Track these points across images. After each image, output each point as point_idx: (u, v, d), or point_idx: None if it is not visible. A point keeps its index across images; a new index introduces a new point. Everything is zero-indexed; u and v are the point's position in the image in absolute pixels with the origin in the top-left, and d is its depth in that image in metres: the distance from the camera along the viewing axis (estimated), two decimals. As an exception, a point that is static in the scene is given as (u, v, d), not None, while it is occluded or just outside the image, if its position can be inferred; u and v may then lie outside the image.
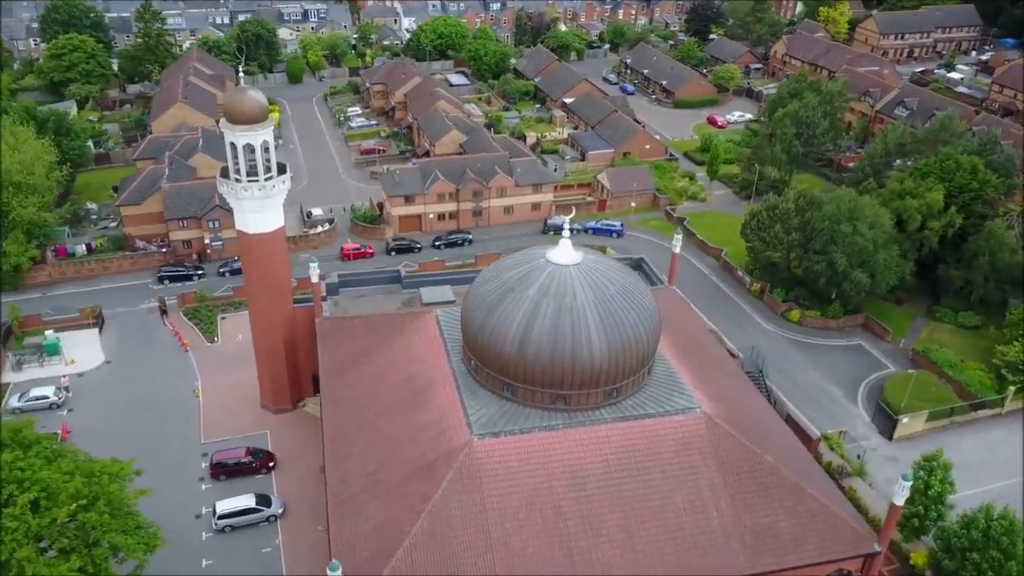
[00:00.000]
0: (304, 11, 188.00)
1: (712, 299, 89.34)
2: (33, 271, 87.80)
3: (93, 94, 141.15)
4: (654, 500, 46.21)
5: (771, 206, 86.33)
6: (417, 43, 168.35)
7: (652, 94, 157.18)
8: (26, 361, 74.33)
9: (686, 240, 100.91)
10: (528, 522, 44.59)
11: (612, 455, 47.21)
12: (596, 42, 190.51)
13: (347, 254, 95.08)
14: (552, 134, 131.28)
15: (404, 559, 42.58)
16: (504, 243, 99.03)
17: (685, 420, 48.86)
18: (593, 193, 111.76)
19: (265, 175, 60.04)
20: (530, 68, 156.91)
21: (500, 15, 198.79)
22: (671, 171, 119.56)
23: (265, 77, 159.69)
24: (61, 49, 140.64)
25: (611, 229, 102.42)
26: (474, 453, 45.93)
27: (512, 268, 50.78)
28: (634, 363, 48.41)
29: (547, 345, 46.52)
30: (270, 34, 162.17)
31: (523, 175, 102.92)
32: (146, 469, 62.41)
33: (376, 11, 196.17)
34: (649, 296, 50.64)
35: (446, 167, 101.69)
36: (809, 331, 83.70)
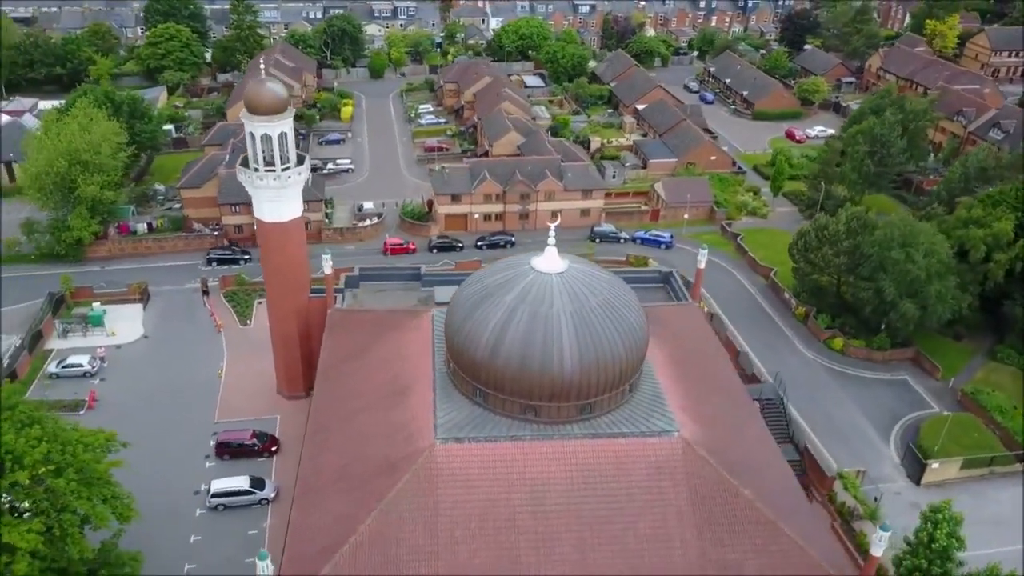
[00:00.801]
0: (394, 8, 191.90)
1: (753, 320, 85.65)
2: (95, 245, 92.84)
3: (184, 81, 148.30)
4: (615, 523, 44.42)
5: (821, 226, 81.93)
6: (499, 43, 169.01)
7: (732, 104, 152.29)
8: (71, 330, 78.56)
9: (737, 257, 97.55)
10: (480, 532, 43.67)
11: (577, 472, 45.67)
12: (683, 49, 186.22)
13: (390, 249, 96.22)
14: (618, 140, 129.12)
15: (348, 556, 42.44)
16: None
17: (660, 443, 46.76)
18: (649, 202, 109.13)
19: (282, 166, 61.36)
20: (608, 73, 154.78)
21: (588, 18, 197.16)
22: (735, 184, 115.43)
23: (348, 71, 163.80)
24: (158, 37, 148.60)
25: (660, 240, 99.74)
26: (434, 457, 45.36)
27: (496, 273, 49.93)
28: (609, 379, 46.67)
29: (517, 353, 45.43)
30: (355, 30, 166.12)
31: (573, 180, 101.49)
32: (157, 442, 66.03)
33: (465, 11, 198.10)
34: (636, 312, 48.69)
35: (496, 168, 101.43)
36: (851, 362, 78.99)
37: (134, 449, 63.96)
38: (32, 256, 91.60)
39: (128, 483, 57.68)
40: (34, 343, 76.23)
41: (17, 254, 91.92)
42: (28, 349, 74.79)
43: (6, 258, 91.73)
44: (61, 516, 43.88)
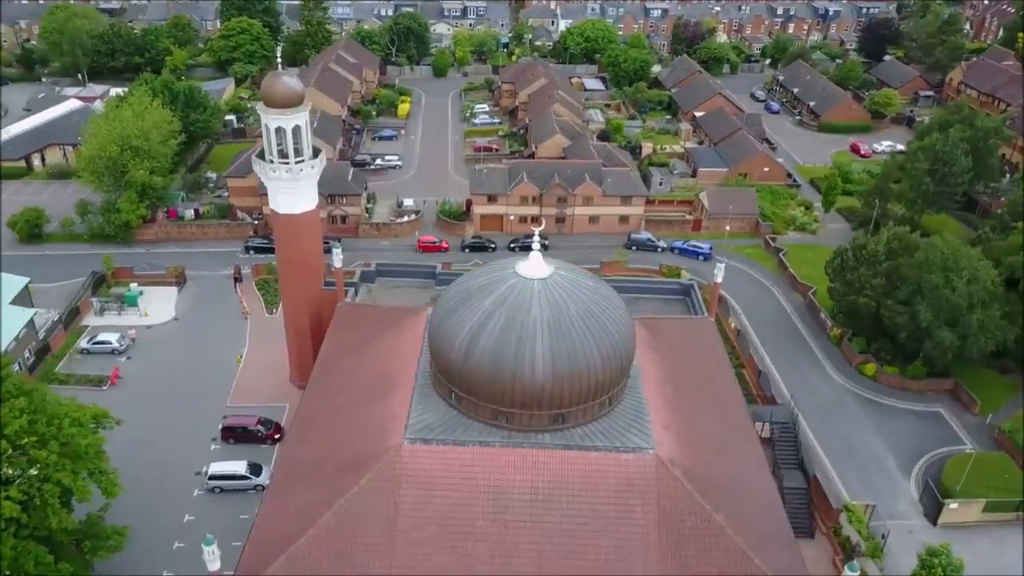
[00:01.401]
0: (464, 8, 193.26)
1: (784, 339, 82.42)
2: (143, 228, 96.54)
3: (252, 73, 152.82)
4: (577, 538, 43.25)
5: (859, 245, 78.22)
6: (563, 46, 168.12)
7: (797, 115, 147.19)
8: (108, 308, 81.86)
9: (778, 273, 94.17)
10: (437, 536, 43.20)
11: (543, 483, 44.66)
12: (755, 56, 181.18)
13: (423, 246, 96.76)
14: (671, 147, 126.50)
15: (304, 548, 42.64)
16: (580, 253, 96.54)
17: (633, 460, 45.26)
18: (693, 212, 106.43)
19: (297, 159, 62.30)
20: (670, 78, 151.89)
21: (660, 22, 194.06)
22: (787, 198, 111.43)
23: (412, 69, 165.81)
24: (231, 31, 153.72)
25: (698, 251, 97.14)
26: (400, 457, 45.11)
27: (481, 276, 49.36)
28: (584, 390, 45.45)
29: (490, 358, 44.73)
30: (421, 28, 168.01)
31: (612, 186, 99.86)
32: (170, 421, 68.13)
33: (535, 11, 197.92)
34: (620, 323, 47.25)
35: (534, 170, 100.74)
36: (883, 389, 75.06)
37: (147, 426, 67.03)
38: (85, 236, 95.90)
39: (135, 457, 60.89)
40: (71, 319, 79.72)
41: (71, 233, 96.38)
42: (64, 325, 78.24)
43: (62, 236, 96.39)
44: (43, 487, 45.61)
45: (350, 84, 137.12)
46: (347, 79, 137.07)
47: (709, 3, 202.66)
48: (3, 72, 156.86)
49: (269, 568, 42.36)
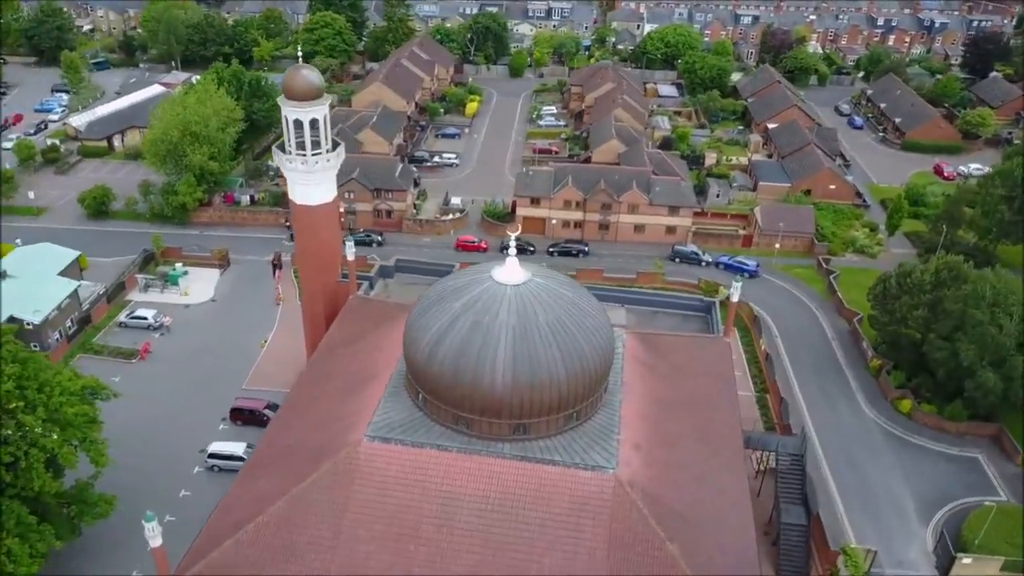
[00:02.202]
0: (548, 9, 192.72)
1: (819, 366, 78.29)
2: (198, 211, 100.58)
3: (332, 67, 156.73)
4: (520, 552, 42.21)
5: (905, 272, 73.43)
6: (643, 50, 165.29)
7: (882, 131, 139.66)
8: (151, 286, 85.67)
9: (826, 296, 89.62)
10: (382, 536, 43.00)
11: (496, 493, 43.82)
12: (847, 68, 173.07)
13: (461, 245, 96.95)
14: (738, 158, 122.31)
15: (251, 534, 43.24)
16: (622, 262, 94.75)
17: (591, 478, 43.84)
18: (748, 227, 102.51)
19: (314, 151, 63.30)
20: (748, 88, 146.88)
21: (749, 29, 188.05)
22: (852, 218, 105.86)
23: (488, 68, 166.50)
24: (315, 24, 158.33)
25: (743, 268, 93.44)
26: (357, 453, 45.18)
27: (459, 278, 49.08)
28: (546, 402, 44.34)
29: (451, 361, 44.23)
30: (500, 28, 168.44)
31: (660, 195, 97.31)
32: (187, 398, 70.64)
33: (621, 15, 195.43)
34: (593, 337, 45.73)
35: (581, 174, 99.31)
36: (916, 428, 70.24)
37: (165, 401, 69.81)
38: (146, 215, 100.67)
39: (147, 430, 63.92)
40: (117, 293, 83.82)
41: (134, 212, 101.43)
42: (109, 298, 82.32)
43: (125, 215, 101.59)
44: (30, 451, 48.01)
45: (420, 81, 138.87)
46: (417, 76, 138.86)
47: (804, 11, 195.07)
48: (107, 57, 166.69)
49: (216, 550, 43.22)
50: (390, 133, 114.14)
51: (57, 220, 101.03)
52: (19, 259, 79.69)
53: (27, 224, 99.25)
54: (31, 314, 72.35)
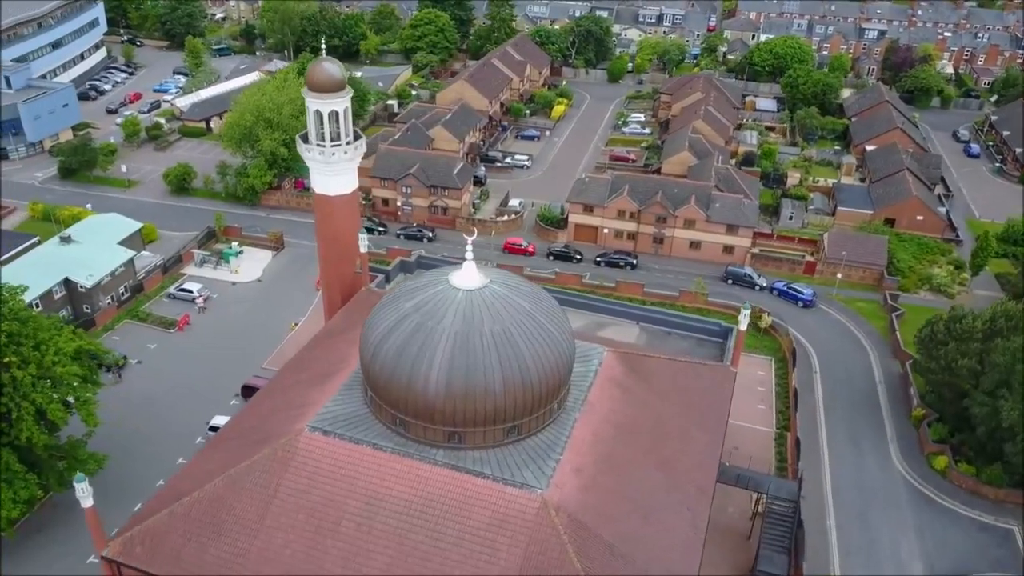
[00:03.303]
0: (660, 14, 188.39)
1: (857, 408, 72.70)
2: (267, 194, 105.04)
3: (432, 63, 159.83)
4: (432, 562, 41.44)
5: (956, 316, 66.92)
6: (749, 61, 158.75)
7: (999, 161, 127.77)
8: (206, 261, 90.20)
9: (885, 335, 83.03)
10: (303, 526, 43.34)
11: (419, 499, 43.26)
12: (977, 91, 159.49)
13: (508, 247, 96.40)
14: (826, 180, 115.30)
15: (185, 506, 44.66)
16: (670, 279, 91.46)
17: (516, 496, 42.49)
18: (815, 253, 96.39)
19: (333, 143, 64.60)
20: (854, 106, 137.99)
21: (874, 45, 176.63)
22: (937, 252, 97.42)
23: (587, 72, 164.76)
24: (419, 21, 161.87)
25: (798, 296, 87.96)
26: (296, 442, 45.78)
27: (419, 279, 48.77)
28: (480, 413, 43.39)
29: (391, 362, 44.06)
30: (603, 32, 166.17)
31: (719, 212, 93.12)
32: (209, 370, 73.99)
33: (736, 24, 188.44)
34: (544, 352, 44.18)
35: (639, 184, 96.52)
36: (950, 489, 63.86)
37: (188, 372, 73.41)
38: (221, 195, 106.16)
39: (165, 398, 67.79)
40: (173, 266, 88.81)
41: (210, 191, 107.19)
42: (164, 270, 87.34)
43: (202, 192, 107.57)
44: (21, 403, 51.60)
45: (508, 81, 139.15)
46: (506, 76, 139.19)
47: (940, 28, 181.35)
48: (229, 44, 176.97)
49: (152, 518, 44.96)
50: (462, 131, 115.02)
51: (143, 193, 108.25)
52: (86, 227, 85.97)
53: (116, 195, 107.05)
54: (84, 278, 77.82)
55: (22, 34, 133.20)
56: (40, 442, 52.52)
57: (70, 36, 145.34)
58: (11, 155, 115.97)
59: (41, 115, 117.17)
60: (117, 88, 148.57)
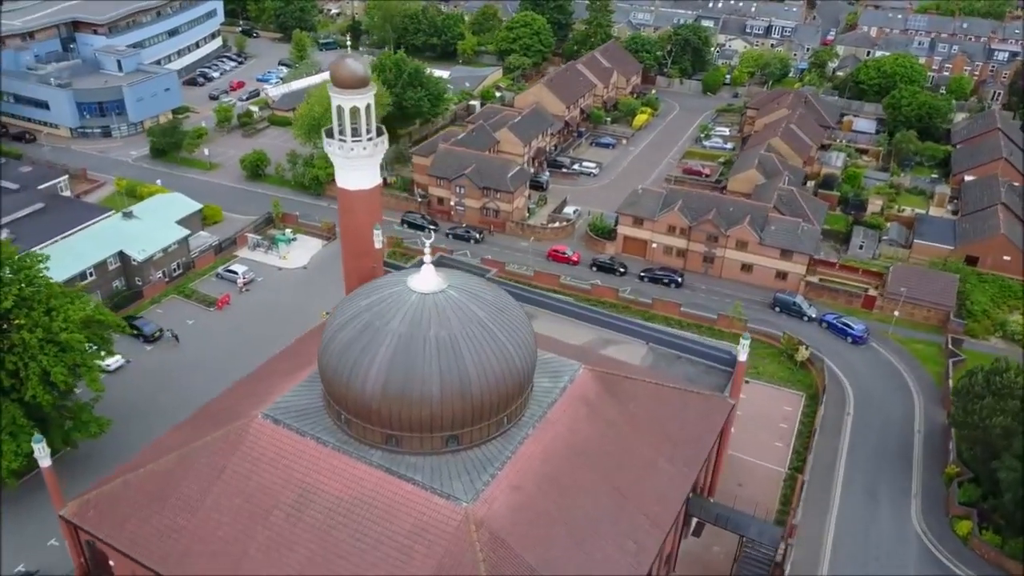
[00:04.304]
0: (768, 26, 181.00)
1: (884, 458, 67.38)
2: (331, 184, 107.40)
3: (524, 66, 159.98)
4: (349, 561, 41.53)
5: (997, 370, 60.80)
6: (854, 78, 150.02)
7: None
8: (259, 245, 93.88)
9: (937, 382, 76.85)
10: (237, 510, 44.41)
11: (349, 497, 43.45)
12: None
13: (553, 255, 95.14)
14: (914, 210, 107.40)
15: (139, 477, 46.89)
16: (716, 301, 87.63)
17: (440, 506, 41.94)
18: (880, 287, 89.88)
19: (354, 139, 65.73)
20: (961, 132, 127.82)
21: (1003, 67, 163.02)
22: (1021, 297, 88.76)
23: (681, 82, 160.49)
24: (515, 23, 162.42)
25: (848, 331, 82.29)
26: (247, 427, 46.97)
27: (385, 279, 48.89)
28: (416, 419, 43.13)
29: (336, 358, 44.50)
30: (701, 41, 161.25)
31: (773, 235, 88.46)
32: (234, 349, 76.85)
33: (852, 39, 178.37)
34: (491, 363, 43.36)
35: (694, 200, 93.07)
36: (970, 558, 58.10)
37: (215, 349, 76.53)
38: (291, 183, 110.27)
39: (186, 374, 71.01)
40: (228, 247, 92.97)
41: (281, 178, 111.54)
42: (217, 250, 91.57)
43: (273, 179, 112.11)
44: (29, 363, 55.37)
45: (591, 87, 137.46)
46: (590, 81, 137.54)
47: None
48: (335, 39, 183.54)
49: (108, 485, 47.26)
50: (529, 135, 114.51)
51: (222, 176, 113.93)
52: (151, 204, 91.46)
53: (196, 176, 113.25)
54: (137, 252, 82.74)
55: (141, 22, 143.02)
56: (45, 401, 56.02)
57: (186, 25, 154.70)
58: (114, 133, 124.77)
59: (144, 97, 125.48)
60: (224, 76, 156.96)
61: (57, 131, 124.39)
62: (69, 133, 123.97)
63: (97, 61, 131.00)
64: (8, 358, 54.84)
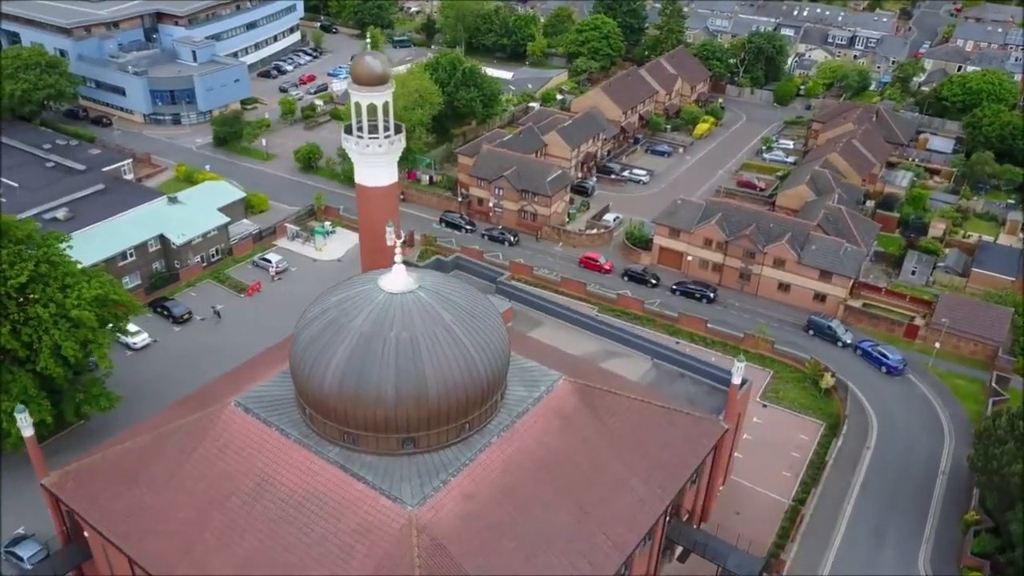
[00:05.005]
0: (852, 37, 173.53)
1: (899, 497, 63.64)
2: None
3: (591, 69, 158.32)
4: (293, 555, 41.88)
5: (1021, 413, 56.28)
6: (937, 95, 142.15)
7: None
8: (297, 236, 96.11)
9: (975, 421, 72.00)
10: (199, 493, 45.38)
11: (301, 491, 43.85)
12: None
13: (585, 262, 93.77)
14: (980, 235, 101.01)
15: (116, 453, 48.59)
16: (746, 320, 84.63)
17: (386, 507, 41.92)
18: (927, 316, 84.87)
19: (370, 136, 66.44)
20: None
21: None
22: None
23: (752, 92, 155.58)
24: (584, 27, 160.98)
25: (883, 361, 78.01)
26: (220, 413, 48.01)
27: (360, 276, 49.02)
28: (370, 419, 43.19)
29: (301, 351, 45.06)
30: (775, 51, 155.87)
31: (812, 255, 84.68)
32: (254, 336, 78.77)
33: (943, 52, 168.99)
34: (446, 368, 42.93)
35: (733, 214, 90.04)
36: (976, 611, 54.12)
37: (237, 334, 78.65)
38: (340, 176, 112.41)
39: (204, 356, 72.80)
40: (268, 236, 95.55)
41: (331, 171, 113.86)
42: (256, 239, 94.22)
43: (324, 172, 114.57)
44: (42, 336, 58.24)
45: (653, 93, 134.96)
46: (651, 87, 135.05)
47: None
48: (410, 37, 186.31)
49: (88, 458, 49.16)
50: (578, 139, 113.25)
51: (276, 167, 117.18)
52: (196, 191, 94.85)
53: (253, 165, 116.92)
54: (177, 236, 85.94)
55: (220, 14, 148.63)
56: (56, 374, 58.85)
57: (264, 19, 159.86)
58: (183, 121, 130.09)
59: (213, 87, 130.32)
60: (297, 69, 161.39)
61: (132, 116, 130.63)
62: (142, 119, 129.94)
63: (174, 51, 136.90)
64: (24, 330, 57.80)
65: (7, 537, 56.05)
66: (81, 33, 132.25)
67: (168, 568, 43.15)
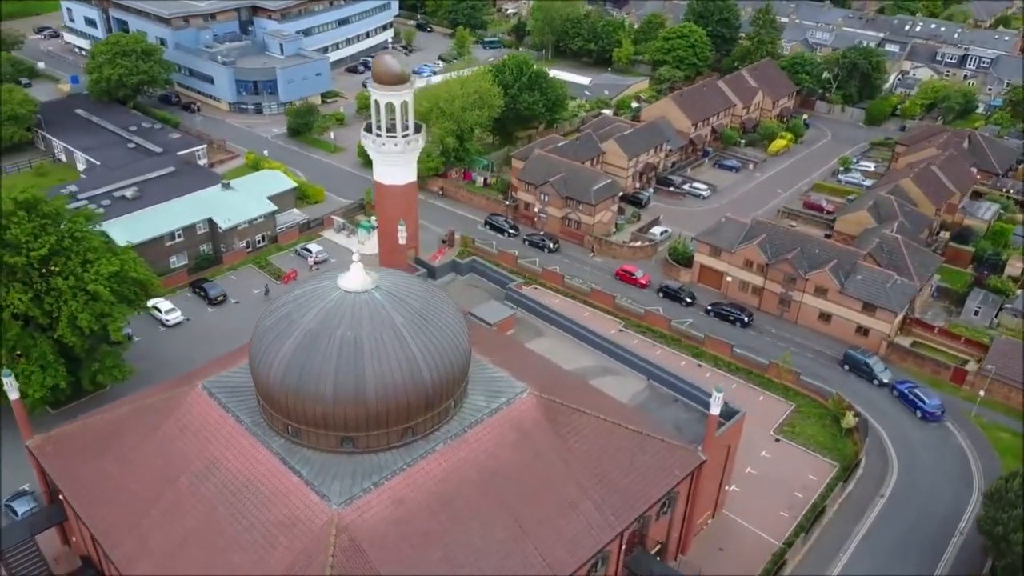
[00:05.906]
0: (963, 56, 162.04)
1: (903, 554, 59.06)
2: (432, 179, 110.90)
3: (675, 78, 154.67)
4: (222, 540, 43.08)
5: (1037, 478, 51.17)
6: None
7: None
8: (343, 229, 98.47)
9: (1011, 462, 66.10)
10: (154, 470, 47.19)
11: (243, 478, 45.05)
12: None
13: (621, 275, 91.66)
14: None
15: (94, 423, 51.35)
16: (781, 347, 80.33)
17: (314, 504, 42.54)
18: (980, 360, 78.32)
19: (388, 135, 67.28)
20: None
21: None
22: None
23: (842, 109, 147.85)
24: (671, 35, 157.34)
25: (918, 404, 72.53)
26: (187, 396, 49.78)
27: (323, 273, 49.70)
28: (309, 414, 43.84)
29: (256, 342, 46.30)
30: (872, 66, 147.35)
31: (857, 286, 79.67)
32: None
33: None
34: (388, 372, 43.11)
35: (778, 236, 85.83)
36: None
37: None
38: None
39: (229, 335, 74.72)
40: (316, 227, 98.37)
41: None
42: (302, 228, 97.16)
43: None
44: (62, 306, 62.05)
45: (729, 106, 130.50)
46: (727, 100, 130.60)
47: None
48: (500, 38, 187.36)
49: (71, 424, 52.04)
50: (637, 149, 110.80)
51: (341, 160, 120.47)
52: (251, 179, 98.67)
53: (320, 157, 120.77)
54: (223, 221, 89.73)
55: (312, 10, 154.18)
56: (73, 343, 62.52)
57: (357, 16, 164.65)
58: (264, 111, 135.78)
59: (295, 80, 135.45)
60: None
61: (218, 104, 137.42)
62: (228, 107, 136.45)
63: (264, 44, 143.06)
64: (46, 299, 61.76)
65: (10, 492, 59.83)
66: (180, 23, 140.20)
67: (113, 539, 45.18)
